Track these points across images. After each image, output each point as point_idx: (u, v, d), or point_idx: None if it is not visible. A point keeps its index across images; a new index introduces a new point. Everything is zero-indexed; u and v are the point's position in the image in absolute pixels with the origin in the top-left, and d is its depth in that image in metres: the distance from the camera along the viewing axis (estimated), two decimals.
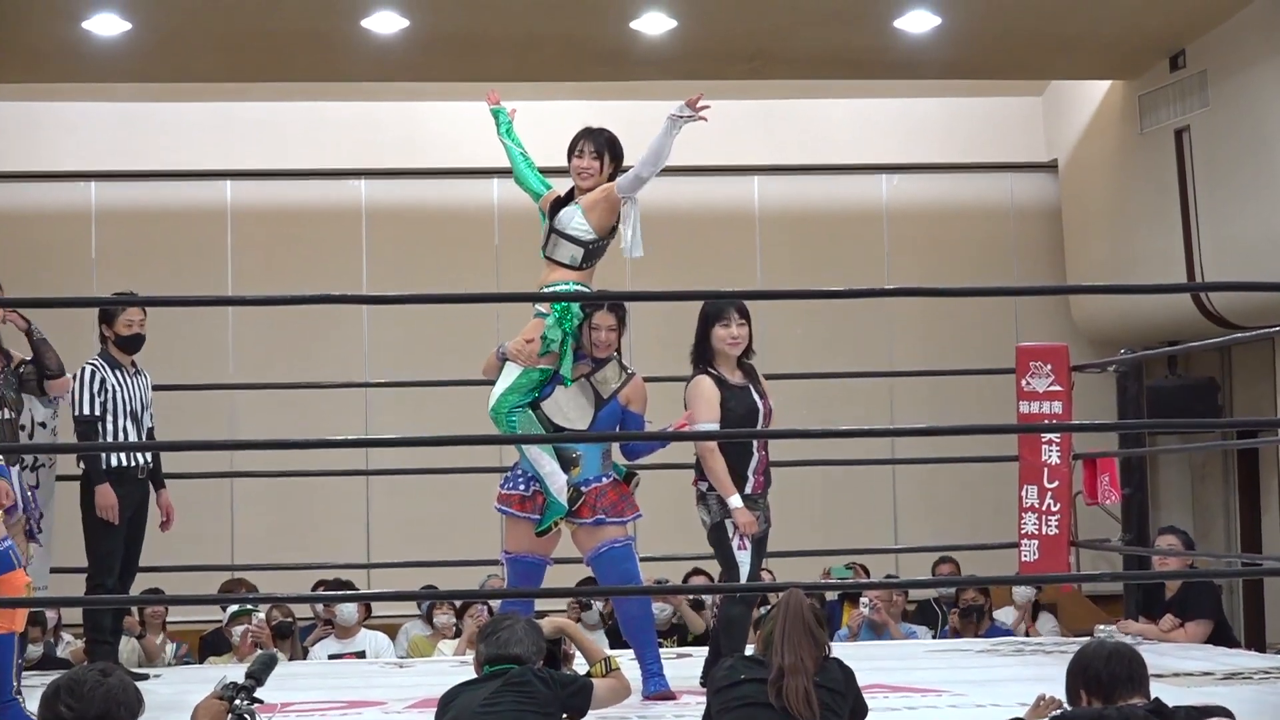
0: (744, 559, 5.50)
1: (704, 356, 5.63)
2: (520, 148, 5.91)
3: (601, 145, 5.69)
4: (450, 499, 10.06)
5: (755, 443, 5.56)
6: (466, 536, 9.35)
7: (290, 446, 7.83)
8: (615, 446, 5.73)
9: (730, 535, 5.51)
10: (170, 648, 8.62)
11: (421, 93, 10.76)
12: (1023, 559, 7.16)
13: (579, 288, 5.61)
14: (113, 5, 8.49)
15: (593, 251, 5.64)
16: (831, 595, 9.13)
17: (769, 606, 5.42)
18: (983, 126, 11.50)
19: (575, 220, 5.62)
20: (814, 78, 10.38)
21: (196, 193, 10.96)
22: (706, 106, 5.47)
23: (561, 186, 5.80)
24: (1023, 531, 7.14)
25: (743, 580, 5.49)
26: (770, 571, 7.23)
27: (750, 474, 5.54)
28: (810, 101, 11.23)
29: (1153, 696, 3.81)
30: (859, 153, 11.34)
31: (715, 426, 5.49)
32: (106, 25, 8.76)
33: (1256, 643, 9.79)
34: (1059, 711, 3.98)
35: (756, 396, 5.59)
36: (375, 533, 10.76)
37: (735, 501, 5.47)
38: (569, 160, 5.72)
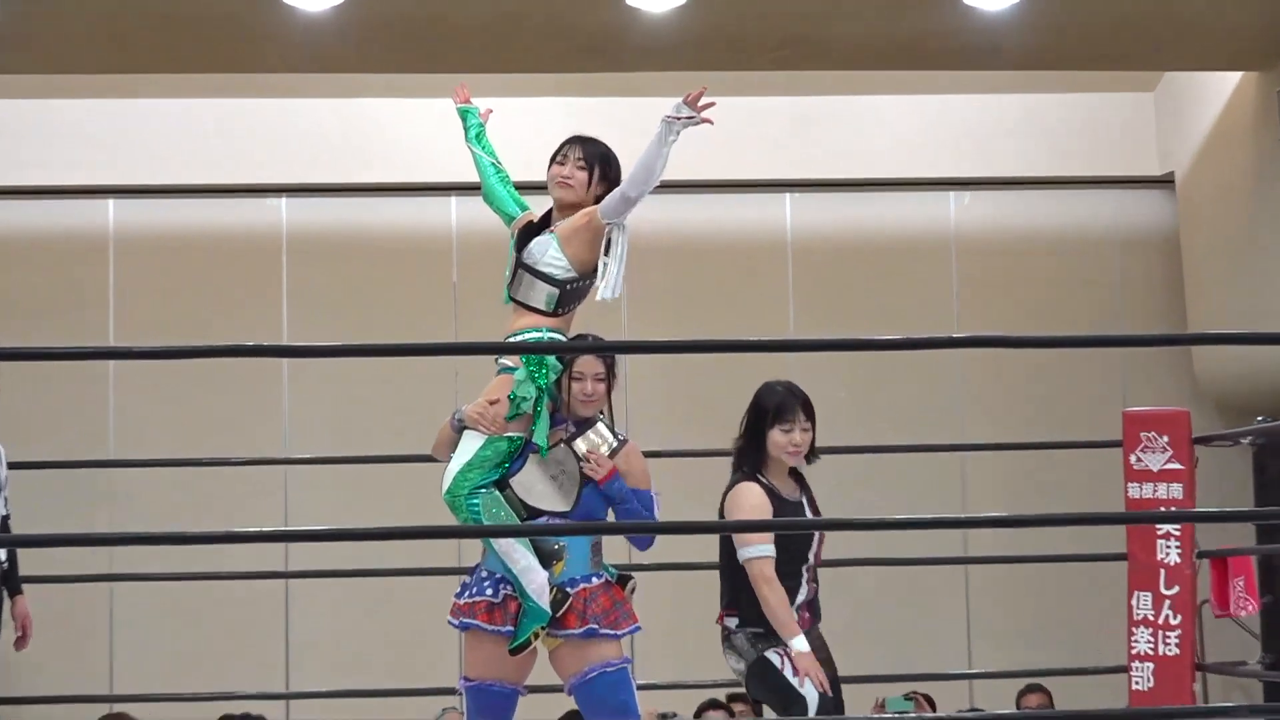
0: (810, 693, 5.53)
1: (752, 460, 5.67)
2: (493, 157, 5.97)
3: (593, 155, 5.73)
4: (393, 608, 10.02)
5: (806, 570, 5.60)
6: (414, 658, 9.29)
7: (188, 542, 7.80)
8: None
9: (780, 665, 5.56)
10: None
11: (360, 88, 10.79)
12: (1134, 687, 7.17)
13: (554, 336, 5.60)
14: None
15: (570, 293, 5.64)
16: None
17: None
18: (1078, 131, 11.51)
19: (550, 253, 5.62)
20: (860, 69, 10.41)
21: (71, 213, 10.97)
22: (711, 105, 5.46)
23: (539, 208, 5.79)
24: (1133, 651, 7.14)
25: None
26: None
27: (795, 608, 5.61)
28: (856, 99, 11.26)
29: None
30: (918, 164, 11.36)
31: (768, 549, 5.56)
32: None
33: None
34: None
35: (810, 514, 5.69)
36: (296, 652, 10.71)
37: (801, 644, 5.58)
38: (549, 169, 5.73)
